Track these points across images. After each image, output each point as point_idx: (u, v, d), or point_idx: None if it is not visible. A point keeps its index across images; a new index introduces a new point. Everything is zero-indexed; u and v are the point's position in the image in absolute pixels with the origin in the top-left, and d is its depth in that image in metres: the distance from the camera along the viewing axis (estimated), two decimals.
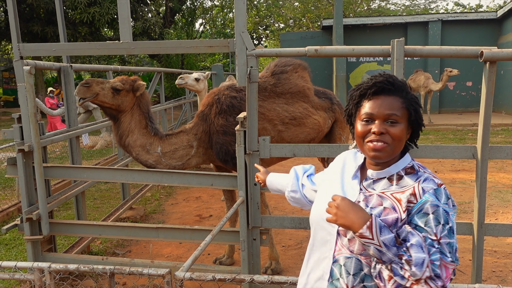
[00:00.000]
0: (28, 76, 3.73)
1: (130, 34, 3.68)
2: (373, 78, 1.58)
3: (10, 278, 2.57)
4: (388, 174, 1.57)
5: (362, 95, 1.58)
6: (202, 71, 7.45)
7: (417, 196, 1.48)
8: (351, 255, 1.55)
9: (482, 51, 2.98)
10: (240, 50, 3.36)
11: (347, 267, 1.55)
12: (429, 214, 1.43)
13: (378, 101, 1.53)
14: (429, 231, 1.41)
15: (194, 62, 27.99)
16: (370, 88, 1.55)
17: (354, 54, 3.35)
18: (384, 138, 1.51)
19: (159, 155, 4.02)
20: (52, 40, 17.56)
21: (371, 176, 1.60)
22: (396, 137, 1.51)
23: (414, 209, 1.46)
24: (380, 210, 1.50)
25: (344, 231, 1.56)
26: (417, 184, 1.50)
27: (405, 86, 1.58)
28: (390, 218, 1.47)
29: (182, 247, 5.18)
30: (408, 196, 1.48)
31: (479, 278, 3.30)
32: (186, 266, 2.23)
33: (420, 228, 1.43)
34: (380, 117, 1.52)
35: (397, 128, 1.51)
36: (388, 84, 1.54)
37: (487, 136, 3.15)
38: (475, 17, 18.35)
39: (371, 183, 1.59)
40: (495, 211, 6.15)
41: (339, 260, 1.58)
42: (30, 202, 4.00)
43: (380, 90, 1.54)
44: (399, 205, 1.48)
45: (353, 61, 18.86)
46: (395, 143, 1.52)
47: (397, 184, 1.54)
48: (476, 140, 3.23)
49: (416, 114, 1.57)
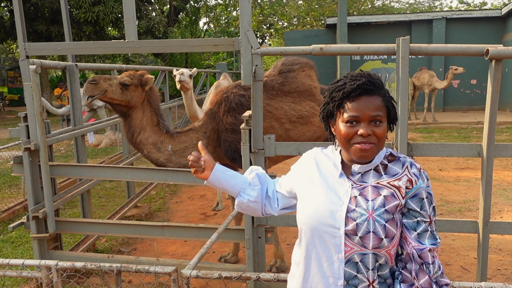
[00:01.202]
0: (34, 75, 3.75)
1: (135, 33, 3.69)
2: (355, 79, 1.57)
3: (17, 275, 2.59)
4: (374, 165, 1.61)
5: (344, 97, 1.57)
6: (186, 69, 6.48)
7: (413, 182, 1.57)
8: (367, 251, 1.54)
9: (487, 49, 2.97)
10: (245, 49, 3.37)
11: (365, 263, 1.55)
12: (423, 199, 1.57)
13: (361, 103, 1.54)
14: (424, 214, 1.56)
15: (198, 60, 28.00)
16: (354, 90, 1.54)
17: (360, 52, 3.35)
18: (371, 139, 1.53)
19: (170, 153, 4.01)
20: (56, 39, 17.61)
21: (358, 171, 1.60)
22: (381, 136, 1.55)
23: (409, 194, 1.56)
24: (382, 200, 1.54)
25: (354, 230, 1.53)
26: (407, 171, 1.59)
27: (382, 83, 1.60)
28: (393, 205, 1.54)
29: (187, 245, 5.20)
30: (405, 182, 1.57)
31: (484, 276, 3.30)
32: (192, 264, 2.24)
33: (414, 212, 1.56)
34: (365, 119, 1.53)
35: (382, 127, 1.55)
36: (370, 85, 1.55)
37: (493, 134, 3.15)
38: (479, 15, 18.27)
39: (359, 177, 1.61)
40: (500, 209, 6.13)
41: (353, 259, 1.55)
42: (36, 200, 4.03)
43: (363, 91, 1.55)
44: (399, 192, 1.55)
45: (357, 59, 18.82)
46: (381, 142, 1.56)
47: (386, 173, 1.60)
48: (480, 138, 3.23)
49: (394, 110, 1.61)
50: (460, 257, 4.66)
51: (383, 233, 1.51)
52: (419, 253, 1.54)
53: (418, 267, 1.55)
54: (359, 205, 1.55)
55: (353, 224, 1.53)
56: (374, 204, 1.53)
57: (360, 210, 1.54)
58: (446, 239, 5.13)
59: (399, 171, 1.59)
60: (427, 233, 1.55)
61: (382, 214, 1.52)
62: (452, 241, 5.08)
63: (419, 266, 1.55)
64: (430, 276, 1.53)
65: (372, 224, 1.51)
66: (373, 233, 1.51)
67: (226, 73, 7.57)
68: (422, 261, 1.54)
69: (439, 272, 1.55)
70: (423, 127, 14.49)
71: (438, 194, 6.97)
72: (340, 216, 1.55)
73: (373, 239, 1.51)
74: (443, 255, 4.72)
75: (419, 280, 1.54)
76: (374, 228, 1.51)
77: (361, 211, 1.53)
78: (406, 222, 1.57)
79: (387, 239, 1.52)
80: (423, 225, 1.55)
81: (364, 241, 1.52)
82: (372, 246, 1.52)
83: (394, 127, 1.68)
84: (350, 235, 1.54)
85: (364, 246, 1.53)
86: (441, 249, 4.86)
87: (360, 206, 1.54)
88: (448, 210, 6.16)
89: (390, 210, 1.53)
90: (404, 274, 1.58)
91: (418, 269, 1.55)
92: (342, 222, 1.54)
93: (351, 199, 1.57)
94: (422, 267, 1.54)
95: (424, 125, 14.66)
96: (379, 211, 1.53)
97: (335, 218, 1.56)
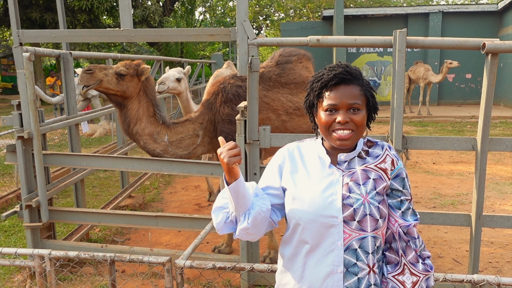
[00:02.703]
0: (27, 63, 3.72)
1: (130, 21, 3.66)
2: (332, 69, 1.64)
3: (10, 264, 2.58)
4: (357, 153, 1.67)
5: (322, 87, 1.63)
6: (179, 68, 5.82)
7: (394, 163, 1.68)
8: (365, 234, 1.59)
9: (484, 43, 2.97)
10: (241, 39, 3.35)
11: (364, 247, 1.59)
12: (404, 178, 1.68)
13: (339, 92, 1.60)
14: (406, 193, 1.67)
15: (194, 51, 27.82)
16: (331, 80, 1.60)
17: (356, 44, 3.34)
18: (349, 126, 1.58)
19: (166, 144, 4.00)
20: (50, 27, 17.43)
21: (344, 159, 1.66)
22: (359, 123, 1.60)
23: (392, 174, 1.66)
24: (372, 183, 1.62)
25: (352, 215, 1.57)
26: (388, 152, 1.69)
27: (361, 73, 1.66)
28: (382, 187, 1.63)
29: (181, 235, 5.20)
30: (390, 165, 1.67)
31: (476, 268, 3.33)
32: (186, 254, 2.24)
33: (397, 192, 1.67)
34: (343, 107, 1.59)
35: (360, 115, 1.60)
36: (347, 74, 1.61)
37: (487, 128, 3.16)
38: (476, 9, 18.28)
39: (346, 165, 1.66)
40: (493, 202, 6.18)
41: (352, 245, 1.58)
42: (30, 189, 4.01)
43: (340, 80, 1.60)
44: (385, 174, 1.65)
45: (353, 51, 18.81)
46: (359, 129, 1.61)
47: (369, 156, 1.68)
48: (474, 132, 3.25)
49: (373, 99, 1.67)
50: (452, 250, 4.70)
51: (378, 214, 1.59)
52: (406, 230, 1.63)
53: (404, 244, 1.64)
54: (352, 190, 1.60)
55: (350, 210, 1.58)
56: (366, 187, 1.61)
57: (354, 196, 1.59)
58: (438, 231, 5.17)
59: (380, 153, 1.68)
60: (409, 210, 1.67)
61: (375, 197, 1.60)
62: (445, 233, 5.11)
63: (406, 243, 1.64)
64: (416, 250, 1.63)
65: (368, 207, 1.58)
66: (370, 215, 1.58)
67: (231, 61, 7.21)
68: (409, 237, 1.63)
69: (422, 245, 1.65)
70: (418, 120, 14.53)
71: (431, 187, 7.01)
72: (337, 204, 1.59)
73: (371, 221, 1.58)
74: (435, 247, 4.75)
75: (407, 257, 1.63)
76: (370, 211, 1.58)
77: (355, 196, 1.59)
78: (391, 202, 1.67)
79: (382, 219, 1.61)
80: (406, 203, 1.66)
81: (362, 224, 1.58)
82: (371, 228, 1.58)
83: (375, 116, 1.72)
84: (348, 221, 1.58)
85: (362, 230, 1.58)
86: (433, 242, 4.89)
87: (354, 192, 1.60)
88: (441, 203, 6.19)
89: (380, 192, 1.62)
90: (388, 255, 1.67)
91: (405, 246, 1.64)
92: (340, 210, 1.58)
93: (343, 186, 1.61)
94: (409, 243, 1.63)
95: (419, 119, 14.71)
96: (372, 193, 1.60)
97: (332, 208, 1.59)
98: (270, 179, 1.74)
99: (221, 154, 1.51)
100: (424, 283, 1.61)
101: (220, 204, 1.67)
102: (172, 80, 5.40)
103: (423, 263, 1.62)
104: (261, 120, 3.92)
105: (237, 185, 1.55)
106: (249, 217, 1.59)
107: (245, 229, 1.60)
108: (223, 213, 1.65)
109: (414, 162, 8.76)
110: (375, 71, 18.94)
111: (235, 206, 1.59)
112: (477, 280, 2.09)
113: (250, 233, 1.63)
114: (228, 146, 1.52)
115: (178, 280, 2.17)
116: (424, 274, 1.61)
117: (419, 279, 1.61)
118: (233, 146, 1.53)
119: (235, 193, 1.56)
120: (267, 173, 1.76)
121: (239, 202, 1.58)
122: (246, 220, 1.59)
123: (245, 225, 1.59)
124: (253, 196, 1.65)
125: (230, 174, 1.55)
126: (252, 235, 1.65)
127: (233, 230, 1.66)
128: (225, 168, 1.54)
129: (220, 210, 1.66)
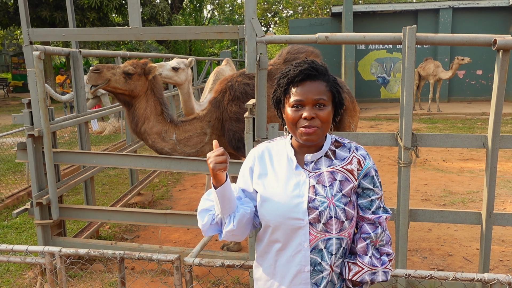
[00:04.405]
0: (37, 61, 3.74)
1: (139, 19, 3.66)
2: (298, 65, 1.65)
3: (21, 261, 2.60)
4: (324, 152, 1.69)
5: (289, 83, 1.64)
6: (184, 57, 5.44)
7: (361, 163, 1.68)
8: (330, 236, 1.63)
9: (495, 39, 2.93)
10: (249, 37, 3.34)
11: (329, 248, 1.63)
12: (373, 177, 1.69)
13: (305, 88, 1.61)
14: (376, 190, 1.69)
15: (202, 48, 27.88)
16: (297, 76, 1.61)
17: (365, 41, 3.31)
18: (315, 122, 1.59)
19: (174, 143, 4.00)
20: (60, 25, 17.55)
21: (310, 159, 1.67)
22: (325, 119, 1.61)
23: (361, 175, 1.68)
24: (338, 185, 1.64)
25: (317, 218, 1.60)
26: (355, 153, 1.70)
27: (327, 70, 1.67)
28: (349, 188, 1.65)
29: (189, 233, 5.22)
30: (356, 165, 1.68)
31: (487, 267, 3.30)
32: (195, 252, 2.25)
33: (368, 191, 1.69)
34: (309, 103, 1.60)
35: (325, 111, 1.61)
36: (313, 70, 1.62)
37: (498, 126, 3.12)
38: (486, 5, 18.05)
39: (313, 166, 1.67)
40: (503, 200, 6.12)
41: (317, 246, 1.63)
42: (40, 187, 4.04)
43: (306, 76, 1.61)
44: (352, 175, 1.66)
45: (362, 48, 18.68)
46: (325, 125, 1.62)
47: (336, 158, 1.69)
48: (485, 129, 3.22)
49: (339, 95, 1.67)
50: (463, 248, 4.66)
51: (344, 216, 1.62)
52: (377, 220, 1.68)
53: (359, 236, 1.69)
54: (318, 193, 1.62)
55: (316, 213, 1.61)
56: (332, 190, 1.63)
57: (320, 198, 1.62)
58: (448, 229, 5.13)
59: (347, 155, 1.69)
60: (380, 209, 1.70)
61: (341, 199, 1.62)
62: (455, 231, 5.08)
63: (360, 235, 1.68)
64: (372, 241, 1.66)
65: (333, 209, 1.61)
66: (335, 217, 1.61)
67: (229, 59, 7.11)
68: (377, 226, 1.67)
69: (385, 239, 1.69)
70: (428, 117, 14.43)
71: (441, 185, 6.96)
72: (302, 207, 1.61)
73: (336, 223, 1.61)
74: (445, 245, 4.72)
75: (357, 247, 1.68)
76: (335, 213, 1.61)
77: (321, 199, 1.62)
78: (361, 202, 1.70)
79: (348, 221, 1.63)
80: (376, 202, 1.69)
81: (328, 226, 1.61)
82: (336, 230, 1.62)
83: (342, 112, 1.72)
84: (314, 224, 1.62)
85: (328, 231, 1.62)
86: (443, 240, 4.86)
87: (319, 195, 1.62)
88: (451, 201, 6.15)
89: (346, 193, 1.64)
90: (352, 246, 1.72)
91: (358, 238, 1.69)
92: (306, 213, 1.61)
93: (309, 188, 1.63)
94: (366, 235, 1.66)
95: (429, 116, 14.59)
96: (338, 196, 1.63)
97: (298, 210, 1.61)
98: (244, 183, 1.77)
99: (209, 159, 1.56)
100: (368, 276, 1.65)
101: (205, 206, 1.71)
102: (167, 69, 5.01)
103: (374, 256, 1.66)
104: (269, 118, 3.91)
105: (223, 189, 1.59)
106: (234, 220, 1.65)
107: (230, 231, 1.66)
108: (208, 215, 1.69)
109: (424, 159, 8.70)
110: (384, 68, 18.81)
111: (221, 209, 1.63)
112: (488, 279, 2.07)
113: (235, 235, 1.68)
114: (217, 152, 1.56)
115: (187, 278, 2.17)
116: (369, 267, 1.65)
117: (362, 271, 1.64)
118: (221, 153, 1.56)
119: (221, 196, 1.60)
120: (240, 176, 1.80)
121: (225, 206, 1.63)
122: (232, 222, 1.65)
123: (231, 227, 1.65)
124: (237, 199, 1.71)
125: (216, 179, 1.59)
126: (238, 236, 1.70)
127: (219, 231, 1.72)
128: (211, 173, 1.57)
129: (206, 212, 1.71)
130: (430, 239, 4.89)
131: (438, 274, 2.22)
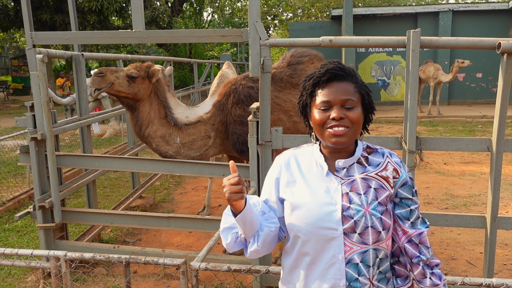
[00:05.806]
0: (40, 65, 3.74)
1: (143, 23, 3.66)
2: (324, 66, 1.58)
3: (26, 265, 2.59)
4: (356, 158, 1.59)
5: (315, 84, 1.57)
6: None
7: (398, 171, 1.59)
8: (367, 247, 1.52)
9: (500, 43, 2.93)
10: (253, 40, 3.34)
11: (366, 261, 1.53)
12: (411, 186, 1.61)
13: (332, 88, 1.54)
14: (415, 199, 1.61)
15: (202, 51, 27.89)
16: (323, 75, 1.55)
17: (369, 44, 3.31)
18: (344, 122, 1.51)
19: (178, 146, 4.00)
20: (60, 28, 17.55)
21: (342, 166, 1.57)
22: (355, 120, 1.52)
23: (398, 183, 1.59)
24: (373, 192, 1.54)
25: (353, 227, 1.50)
26: (389, 160, 1.61)
27: (354, 71, 1.59)
28: (384, 196, 1.55)
29: (192, 236, 5.20)
30: (392, 172, 1.58)
31: (491, 271, 3.29)
32: (201, 257, 2.24)
33: (406, 200, 1.59)
34: (337, 103, 1.52)
35: (355, 112, 1.52)
36: (340, 70, 1.55)
37: (503, 129, 3.12)
38: (486, 8, 18.09)
39: (345, 172, 1.58)
40: (506, 204, 6.11)
41: (353, 259, 1.52)
42: (43, 190, 4.03)
43: (333, 76, 1.54)
44: (387, 183, 1.57)
45: (362, 51, 18.70)
46: (355, 126, 1.53)
47: (370, 164, 1.59)
48: (485, 132, 3.22)
49: (369, 98, 1.58)
50: (466, 252, 4.65)
51: (380, 226, 1.52)
52: (419, 239, 1.58)
53: (410, 260, 1.59)
54: (352, 201, 1.52)
55: (351, 222, 1.51)
56: (367, 198, 1.53)
57: (355, 207, 1.52)
58: (451, 233, 5.12)
59: (381, 161, 1.60)
60: (419, 219, 1.61)
61: (377, 207, 1.52)
62: (458, 235, 5.07)
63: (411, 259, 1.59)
64: (426, 261, 1.57)
65: (370, 218, 1.50)
66: (372, 227, 1.51)
67: (230, 62, 7.19)
68: (422, 246, 1.58)
69: (431, 253, 1.60)
70: (428, 120, 14.43)
71: (443, 188, 6.95)
72: (336, 216, 1.52)
73: (372, 233, 1.51)
74: (448, 249, 4.71)
75: (414, 272, 1.59)
76: (372, 223, 1.50)
77: (356, 207, 1.52)
78: (399, 212, 1.60)
79: (385, 231, 1.53)
80: (415, 212, 1.60)
81: (364, 237, 1.51)
82: (373, 241, 1.52)
83: (372, 117, 1.64)
84: (349, 234, 1.51)
85: (364, 243, 1.52)
86: (446, 243, 4.85)
87: (354, 203, 1.52)
88: (453, 204, 6.14)
89: (382, 202, 1.54)
90: (397, 268, 1.64)
91: (410, 263, 1.60)
92: (339, 222, 1.51)
93: (343, 196, 1.54)
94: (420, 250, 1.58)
95: (429, 119, 14.60)
96: (373, 204, 1.52)
97: (332, 220, 1.52)
98: (269, 193, 1.69)
99: (224, 187, 1.48)
100: None
101: (228, 224, 1.63)
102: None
103: (432, 273, 1.57)
104: (272, 121, 3.91)
105: (243, 216, 1.52)
106: (258, 240, 1.58)
107: (255, 251, 1.60)
108: (232, 234, 1.62)
109: (425, 162, 8.69)
110: (385, 71, 18.83)
111: (244, 231, 1.57)
112: (496, 284, 2.06)
113: (260, 253, 1.62)
114: (232, 181, 1.47)
115: (193, 283, 2.16)
116: None
117: None
118: (236, 182, 1.47)
119: (242, 222, 1.53)
120: (266, 186, 1.71)
121: (247, 228, 1.56)
122: (256, 243, 1.58)
123: (255, 248, 1.58)
124: (260, 214, 1.62)
125: (234, 207, 1.52)
126: (263, 254, 1.64)
127: (244, 246, 1.64)
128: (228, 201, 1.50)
129: (229, 231, 1.63)
130: (433, 243, 4.88)
131: (445, 278, 2.21)
